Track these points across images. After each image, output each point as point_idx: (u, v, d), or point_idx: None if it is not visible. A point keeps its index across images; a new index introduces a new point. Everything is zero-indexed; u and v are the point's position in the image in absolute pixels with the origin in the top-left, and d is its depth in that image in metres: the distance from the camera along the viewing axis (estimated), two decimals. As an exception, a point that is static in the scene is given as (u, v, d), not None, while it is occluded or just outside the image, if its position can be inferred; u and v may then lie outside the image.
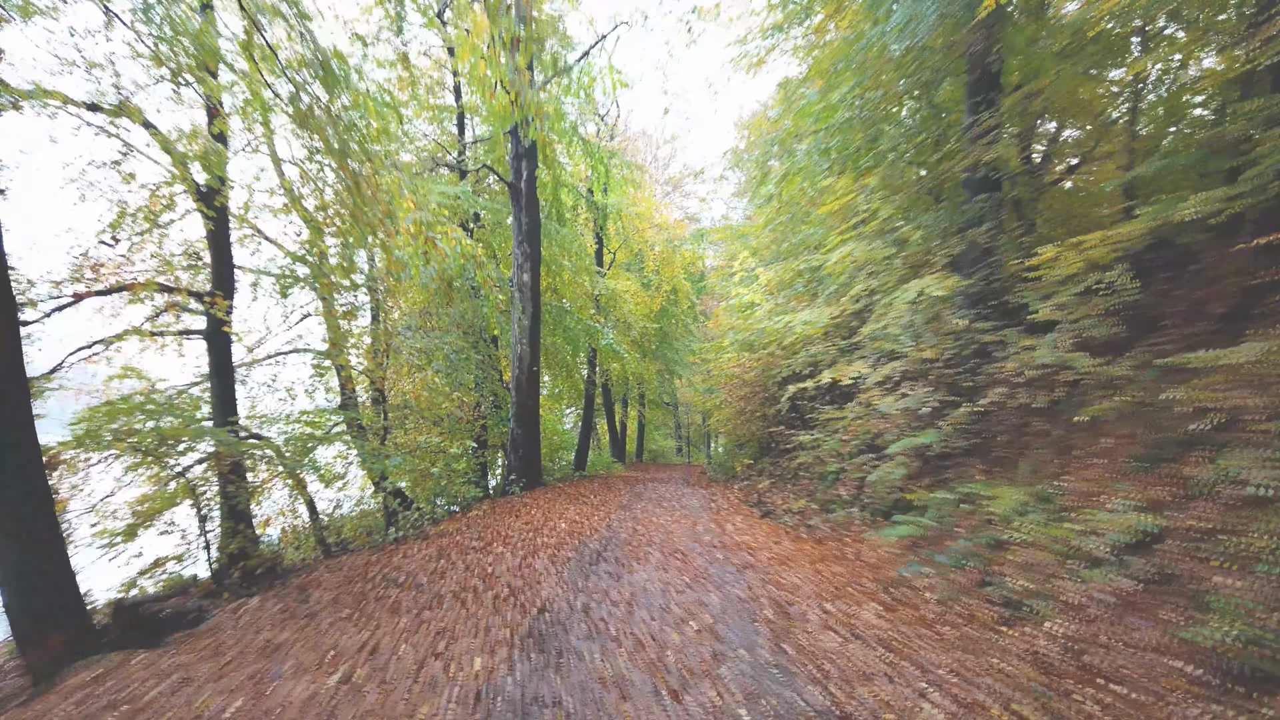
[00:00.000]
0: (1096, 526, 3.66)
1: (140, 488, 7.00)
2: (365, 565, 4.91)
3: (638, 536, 6.08)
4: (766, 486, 10.97)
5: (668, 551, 5.29)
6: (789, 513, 8.51)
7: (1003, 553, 4.17)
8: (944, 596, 3.96)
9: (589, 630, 3.33)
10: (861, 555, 5.42)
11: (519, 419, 10.31)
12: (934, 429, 5.44)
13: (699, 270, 23.41)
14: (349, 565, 4.93)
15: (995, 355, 6.04)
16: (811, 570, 4.66)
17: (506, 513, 7.55)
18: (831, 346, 7.27)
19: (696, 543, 5.77)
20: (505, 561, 4.69)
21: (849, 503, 7.76)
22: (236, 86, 6.58)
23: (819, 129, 7.56)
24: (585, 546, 5.41)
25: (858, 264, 6.01)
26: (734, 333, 14.68)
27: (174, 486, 6.61)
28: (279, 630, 3.45)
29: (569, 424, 20.35)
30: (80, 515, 6.43)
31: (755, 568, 4.72)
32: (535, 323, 10.47)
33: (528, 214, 10.35)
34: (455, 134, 12.64)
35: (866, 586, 4.24)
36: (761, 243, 15.72)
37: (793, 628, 3.35)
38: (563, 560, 4.77)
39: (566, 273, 14.01)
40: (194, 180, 7.19)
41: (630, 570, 4.50)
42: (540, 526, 6.40)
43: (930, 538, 5.16)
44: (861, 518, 6.83)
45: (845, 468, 8.73)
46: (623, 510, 8.35)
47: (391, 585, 4.11)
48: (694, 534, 6.36)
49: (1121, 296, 5.20)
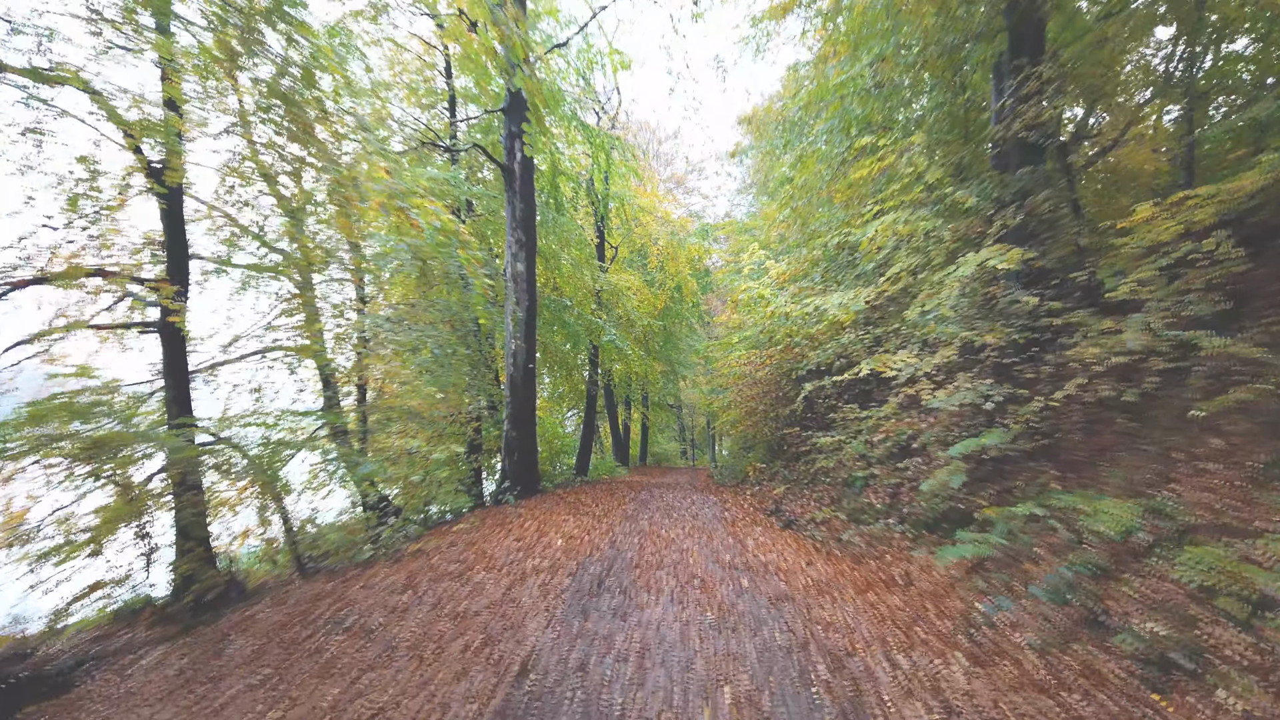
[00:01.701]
0: (1255, 554, 2.79)
1: (94, 500, 6.19)
2: (315, 598, 4.05)
3: (646, 556, 5.22)
4: (782, 493, 10.09)
5: (684, 577, 4.42)
6: (814, 524, 7.63)
7: (1112, 584, 3.29)
8: (1045, 643, 3.09)
9: (585, 706, 2.47)
10: (913, 579, 4.55)
11: (514, 421, 9.45)
12: (999, 428, 4.56)
13: (704, 267, 22.56)
14: (296, 597, 4.07)
15: (1063, 341, 5.18)
16: (861, 602, 3.79)
17: (497, 525, 6.69)
18: (865, 335, 6.40)
19: (716, 563, 4.91)
20: (485, 593, 3.83)
21: (883, 513, 6.88)
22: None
23: (847, 92, 6.71)
24: (584, 570, 4.55)
25: (900, 236, 5.16)
26: (745, 328, 13.84)
27: (116, 499, 5.77)
28: (162, 707, 2.60)
29: (570, 427, 19.48)
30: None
31: (792, 599, 3.85)
32: (531, 316, 9.62)
33: (522, 199, 9.52)
34: (447, 121, 11.84)
35: (937, 627, 3.36)
36: (769, 237, 14.89)
37: (863, 696, 2.49)
38: (556, 591, 3.91)
39: (566, 266, 13.16)
40: (145, 156, 6.40)
41: (640, 604, 3.64)
42: (533, 544, 5.54)
43: (1000, 560, 4.28)
44: (903, 532, 5.96)
45: (875, 472, 7.86)
46: (628, 522, 7.48)
47: (336, 629, 3.25)
48: (712, 551, 5.50)
49: (1226, 268, 4.34)
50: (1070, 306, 4.93)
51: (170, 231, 6.62)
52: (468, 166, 12.08)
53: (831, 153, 9.48)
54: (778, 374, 11.90)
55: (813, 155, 9.95)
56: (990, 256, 4.57)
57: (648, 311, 17.97)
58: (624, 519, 7.73)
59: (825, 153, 9.59)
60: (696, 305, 21.98)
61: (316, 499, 8.65)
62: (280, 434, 7.07)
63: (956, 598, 4.10)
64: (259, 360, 8.11)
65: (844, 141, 9.20)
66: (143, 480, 6.12)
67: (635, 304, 17.06)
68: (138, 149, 6.48)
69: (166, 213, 6.56)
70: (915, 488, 6.75)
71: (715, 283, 22.61)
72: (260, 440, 6.38)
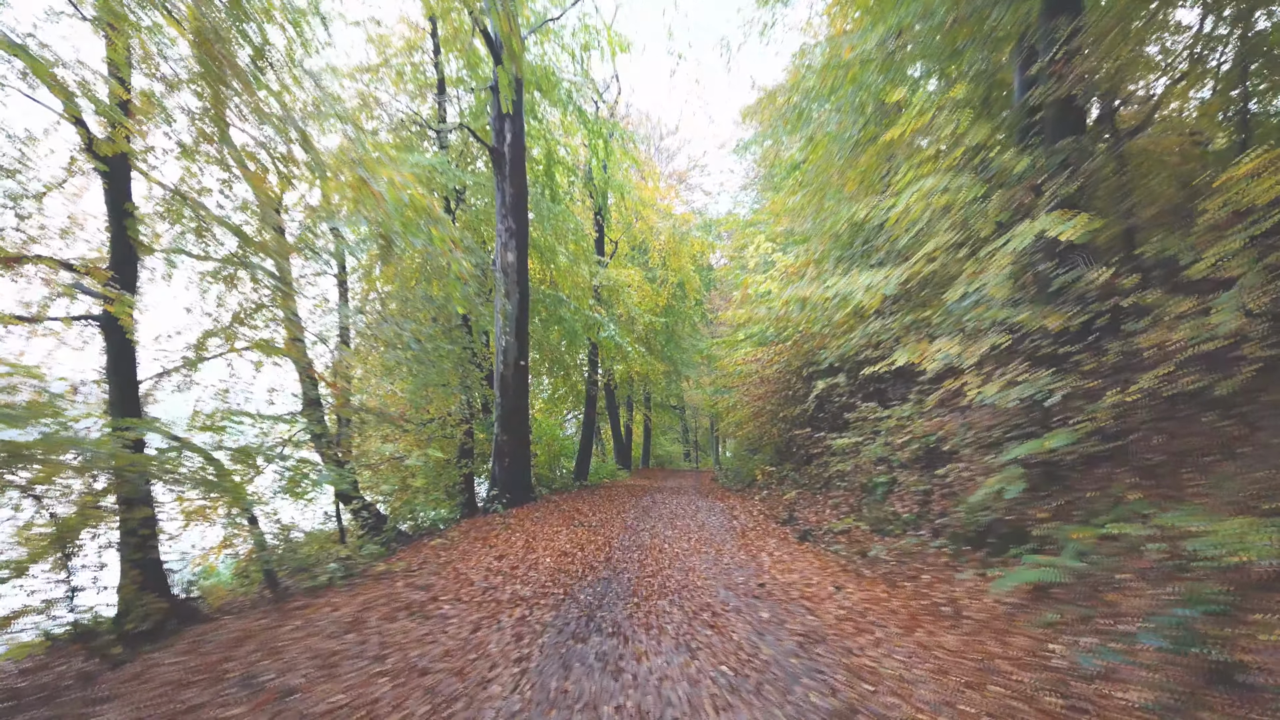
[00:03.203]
0: None
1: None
2: (238, 640, 3.32)
3: (647, 578, 4.50)
4: (794, 498, 9.38)
5: (691, 608, 3.70)
6: (833, 534, 6.92)
7: (1244, 627, 2.57)
8: (1164, 707, 2.37)
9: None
10: (962, 608, 3.83)
11: (505, 423, 8.75)
12: (1065, 428, 3.84)
13: (707, 262, 21.87)
14: (213, 642, 3.34)
15: (1126, 327, 4.45)
16: (913, 644, 3.07)
17: (480, 540, 5.98)
18: (893, 323, 5.67)
19: (729, 589, 4.19)
20: (446, 635, 3.11)
21: (911, 523, 6.17)
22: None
23: (866, 57, 5.99)
24: (573, 599, 3.84)
25: (935, 209, 4.45)
26: (752, 325, 13.13)
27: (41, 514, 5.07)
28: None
29: (570, 429, 18.76)
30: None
31: (824, 639, 3.13)
32: (523, 311, 8.93)
33: (512, 183, 8.84)
34: (435, 107, 11.16)
35: (1015, 681, 2.64)
36: (775, 230, 14.17)
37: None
38: (535, 629, 3.19)
39: (562, 259, 12.46)
40: (87, 129, 5.73)
41: (637, 651, 2.92)
42: (517, 562, 4.84)
43: (1072, 588, 3.56)
44: (939, 547, 5.24)
45: (898, 478, 7.15)
46: (628, 533, 6.77)
47: (241, 692, 2.53)
48: (722, 571, 4.78)
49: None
50: (1142, 287, 4.21)
51: (114, 212, 5.95)
52: (458, 157, 11.41)
53: (844, 134, 8.79)
54: (787, 372, 11.20)
55: (824, 138, 9.26)
56: (1050, 225, 3.85)
57: (649, 308, 17.27)
58: (623, 530, 7.02)
59: (838, 134, 8.90)
60: (700, 303, 21.28)
61: (296, 509, 7.97)
62: (240, 439, 6.39)
63: (1021, 634, 3.38)
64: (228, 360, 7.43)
65: (859, 120, 8.50)
66: (85, 493, 5.44)
67: (636, 300, 16.36)
68: (79, 120, 5.82)
69: (110, 192, 5.88)
70: (949, 495, 6.03)
71: (719, 279, 21.93)
72: (214, 444, 5.69)
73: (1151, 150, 5.63)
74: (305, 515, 8.46)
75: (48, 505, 4.74)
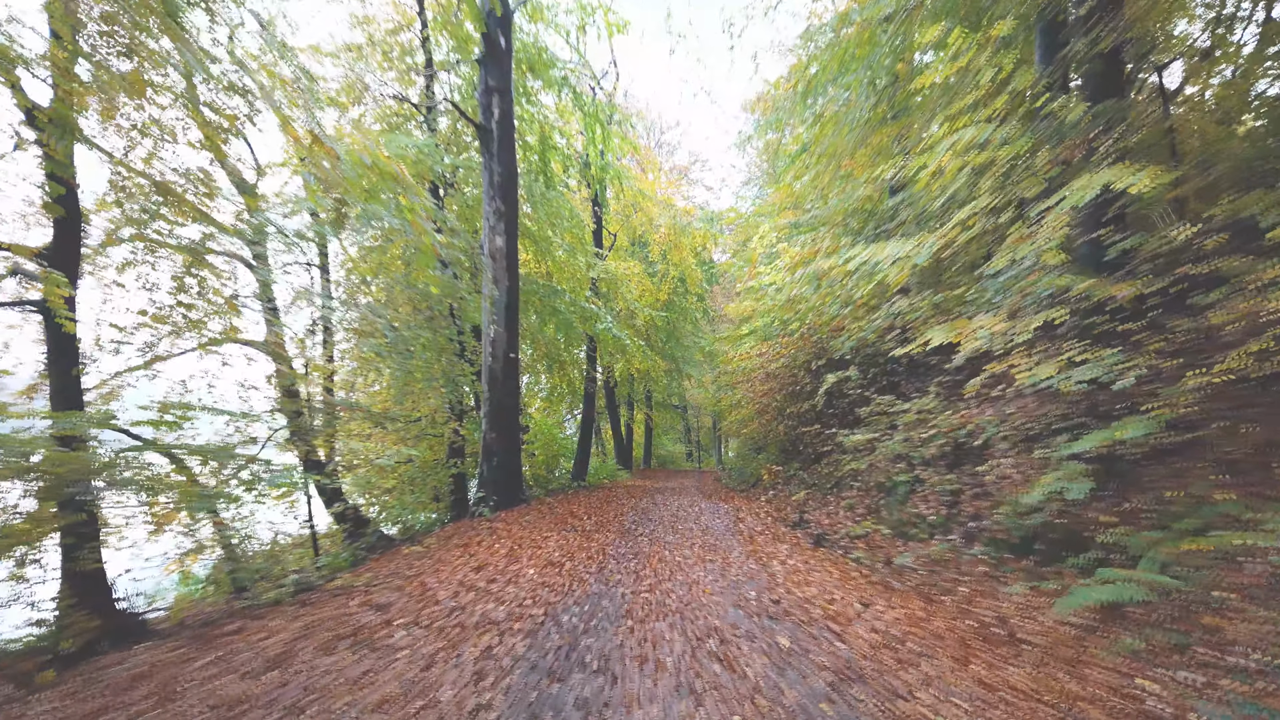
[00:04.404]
0: None
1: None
2: (135, 679, 2.70)
3: (644, 594, 3.90)
4: (803, 499, 8.76)
5: (695, 632, 3.10)
6: (850, 539, 6.30)
7: None
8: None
9: None
10: (1015, 629, 3.21)
11: (493, 420, 8.15)
12: (1137, 416, 3.23)
13: (709, 257, 21.26)
14: (105, 682, 2.72)
15: (1193, 302, 3.83)
16: (971, 681, 2.47)
17: (460, 547, 5.38)
18: (922, 301, 5.06)
19: (738, 606, 3.58)
20: (389, 674, 2.49)
21: (939, 527, 5.55)
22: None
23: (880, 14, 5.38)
24: (554, 623, 3.23)
25: (976, 165, 3.85)
26: (755, 318, 12.54)
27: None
28: None
29: (571, 429, 18.14)
30: None
31: (863, 675, 2.52)
32: (512, 299, 8.33)
33: (500, 162, 8.24)
34: (423, 88, 10.58)
35: (1117, 737, 2.03)
36: (778, 223, 13.58)
37: None
38: (502, 666, 2.57)
39: (558, 250, 11.87)
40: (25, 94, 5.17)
41: (627, 696, 2.29)
42: (497, 575, 4.24)
43: (1159, 608, 2.94)
44: (976, 554, 4.62)
45: (920, 476, 6.54)
46: (624, 539, 6.17)
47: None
48: (730, 584, 4.17)
49: None
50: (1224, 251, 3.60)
51: (55, 179, 5.37)
52: (450, 144, 10.82)
53: (855, 110, 8.20)
54: (793, 366, 10.61)
55: (832, 116, 8.69)
56: (1117, 177, 3.23)
57: (650, 302, 16.68)
58: (620, 535, 6.42)
59: (848, 111, 8.33)
60: (702, 299, 20.67)
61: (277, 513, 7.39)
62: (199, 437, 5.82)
63: (1096, 664, 2.77)
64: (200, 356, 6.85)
65: (870, 97, 7.91)
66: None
67: (636, 295, 15.76)
68: (15, 85, 5.25)
69: (48, 160, 5.31)
70: (982, 495, 5.41)
71: (721, 273, 21.32)
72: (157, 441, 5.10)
73: (1206, 105, 5.01)
74: (288, 520, 7.89)
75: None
